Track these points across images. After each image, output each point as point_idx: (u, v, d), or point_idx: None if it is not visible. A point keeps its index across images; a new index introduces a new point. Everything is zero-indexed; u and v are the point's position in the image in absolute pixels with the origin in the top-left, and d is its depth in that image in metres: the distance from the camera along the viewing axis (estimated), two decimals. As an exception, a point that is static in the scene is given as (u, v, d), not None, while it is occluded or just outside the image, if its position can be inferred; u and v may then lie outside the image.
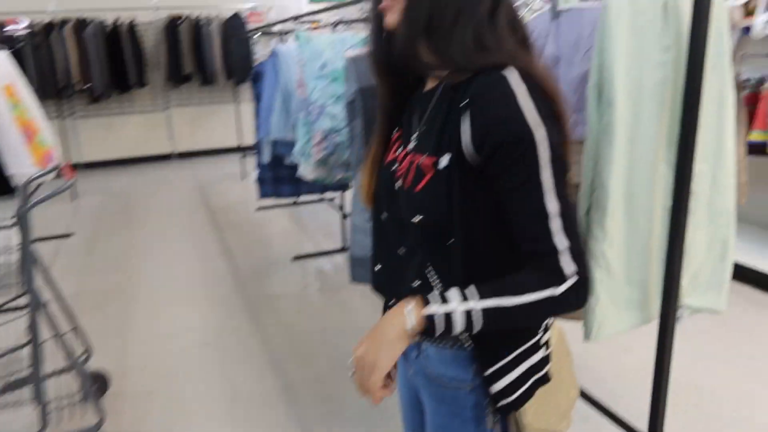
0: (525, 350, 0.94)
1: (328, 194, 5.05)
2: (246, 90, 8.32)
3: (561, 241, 0.82)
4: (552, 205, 0.82)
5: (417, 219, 0.91)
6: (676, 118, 1.21)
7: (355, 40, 2.58)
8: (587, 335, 1.27)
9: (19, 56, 6.93)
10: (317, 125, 2.46)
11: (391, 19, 0.89)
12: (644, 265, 1.28)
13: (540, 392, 0.96)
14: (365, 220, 2.20)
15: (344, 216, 4.37)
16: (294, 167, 3.71)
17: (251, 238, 4.75)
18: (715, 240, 1.32)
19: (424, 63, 0.89)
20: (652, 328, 1.36)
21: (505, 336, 0.92)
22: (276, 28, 6.10)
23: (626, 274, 1.27)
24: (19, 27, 6.29)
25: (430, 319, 0.83)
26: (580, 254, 0.84)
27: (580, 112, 1.32)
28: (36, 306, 2.13)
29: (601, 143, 1.19)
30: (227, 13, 7.73)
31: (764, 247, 3.47)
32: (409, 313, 0.84)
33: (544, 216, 0.82)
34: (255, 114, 3.77)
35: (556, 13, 1.37)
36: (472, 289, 0.84)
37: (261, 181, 3.81)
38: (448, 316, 0.83)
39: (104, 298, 3.67)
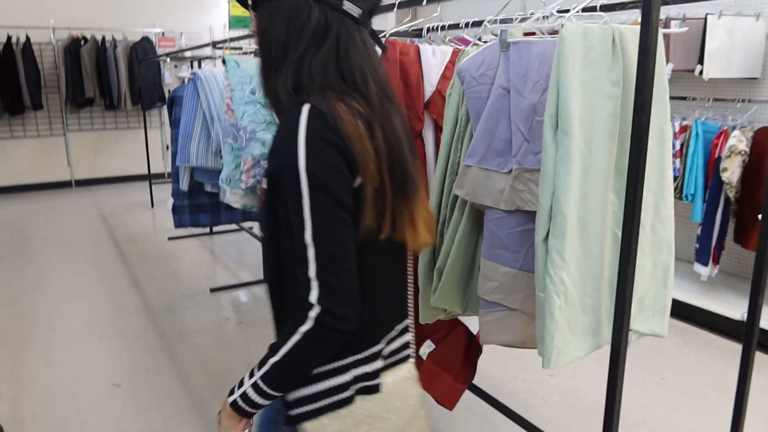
0: (324, 372, 0.98)
1: (246, 223, 4.89)
2: (155, 115, 7.98)
3: (312, 270, 0.88)
4: (308, 234, 0.88)
5: (262, 235, 1.02)
6: (624, 149, 1.26)
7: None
8: (546, 363, 1.27)
9: None
10: (247, 151, 2.36)
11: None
12: (596, 291, 1.31)
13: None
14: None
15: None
16: (213, 195, 3.56)
17: (164, 270, 4.48)
18: (657, 267, 1.38)
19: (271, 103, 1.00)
20: (600, 354, 1.40)
21: None
22: (188, 54, 5.93)
23: (581, 300, 1.29)
24: None
25: (235, 404, 0.96)
26: (333, 288, 0.89)
27: (531, 141, 1.34)
28: None
29: (558, 172, 1.21)
30: (134, 37, 7.42)
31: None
32: (224, 405, 0.98)
33: (302, 245, 0.88)
34: (172, 140, 3.60)
35: (505, 45, 1.40)
36: (260, 361, 0.95)
37: (177, 209, 3.62)
38: (245, 396, 0.95)
39: (-5, 338, 3.31)
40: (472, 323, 1.89)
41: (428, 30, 2.29)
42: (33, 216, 6.24)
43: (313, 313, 0.88)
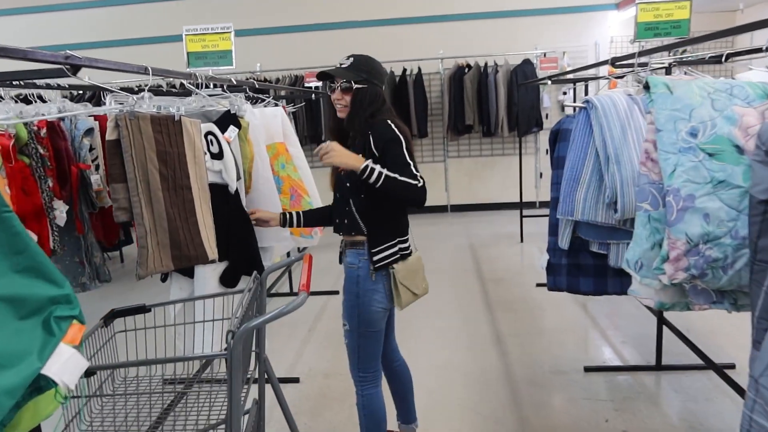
0: (391, 244, 2.29)
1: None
2: (530, 141, 7.60)
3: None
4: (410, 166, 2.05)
5: (347, 184, 2.17)
6: None
7: (752, 91, 1.58)
8: None
9: (314, 108, 7.30)
10: (678, 228, 1.52)
11: (342, 114, 2.19)
12: None
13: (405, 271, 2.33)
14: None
15: (662, 323, 3.23)
16: (599, 256, 2.78)
17: (529, 325, 3.89)
18: None
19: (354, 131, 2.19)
20: None
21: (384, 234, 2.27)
22: (571, 75, 5.26)
23: None
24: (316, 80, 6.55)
25: (366, 167, 1.99)
26: (422, 179, 2.02)
27: None
28: None
29: None
30: (516, 60, 7.15)
31: None
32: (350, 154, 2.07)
33: (407, 164, 2.03)
34: (552, 183, 2.96)
35: None
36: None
37: (552, 268, 2.94)
38: (373, 171, 1.98)
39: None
40: None
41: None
42: (414, 239, 6.45)
43: (420, 184, 2.07)
